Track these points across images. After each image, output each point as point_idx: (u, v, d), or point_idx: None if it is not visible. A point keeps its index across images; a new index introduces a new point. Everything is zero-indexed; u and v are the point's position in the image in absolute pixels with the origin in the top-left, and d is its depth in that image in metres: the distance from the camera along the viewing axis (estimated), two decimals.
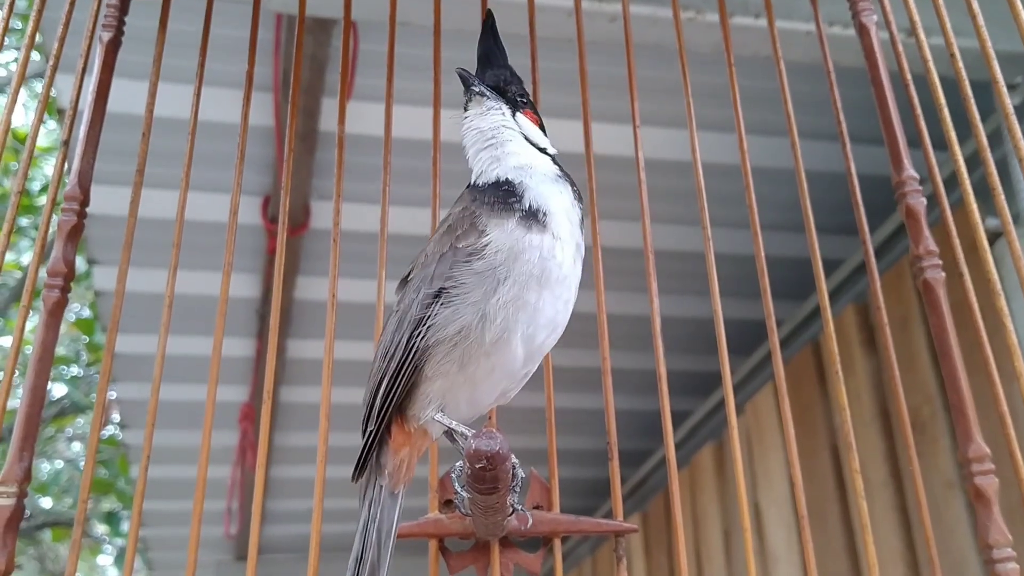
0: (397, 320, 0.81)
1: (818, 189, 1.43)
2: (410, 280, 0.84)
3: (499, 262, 0.78)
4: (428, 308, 0.78)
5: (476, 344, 0.77)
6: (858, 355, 2.41)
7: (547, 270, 0.79)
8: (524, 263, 0.78)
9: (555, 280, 0.79)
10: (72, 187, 0.84)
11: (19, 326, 0.81)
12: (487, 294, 0.77)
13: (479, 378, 0.79)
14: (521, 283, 0.78)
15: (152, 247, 1.82)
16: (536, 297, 0.78)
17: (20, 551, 2.69)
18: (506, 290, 0.77)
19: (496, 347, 0.78)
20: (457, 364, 0.78)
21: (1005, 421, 0.77)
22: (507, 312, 0.77)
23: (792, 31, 1.81)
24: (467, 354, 0.77)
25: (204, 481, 0.85)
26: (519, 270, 0.78)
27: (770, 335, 0.91)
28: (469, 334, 0.77)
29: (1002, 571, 0.72)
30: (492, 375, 0.79)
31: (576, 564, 4.29)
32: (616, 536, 0.88)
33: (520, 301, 0.78)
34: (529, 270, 0.78)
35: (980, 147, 0.87)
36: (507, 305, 0.77)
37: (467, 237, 0.79)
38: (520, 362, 0.80)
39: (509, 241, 0.78)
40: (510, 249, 0.78)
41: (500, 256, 0.78)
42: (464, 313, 0.77)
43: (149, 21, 1.01)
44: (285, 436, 3.53)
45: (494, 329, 0.77)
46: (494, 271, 0.77)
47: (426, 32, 1.14)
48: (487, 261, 0.78)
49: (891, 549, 2.20)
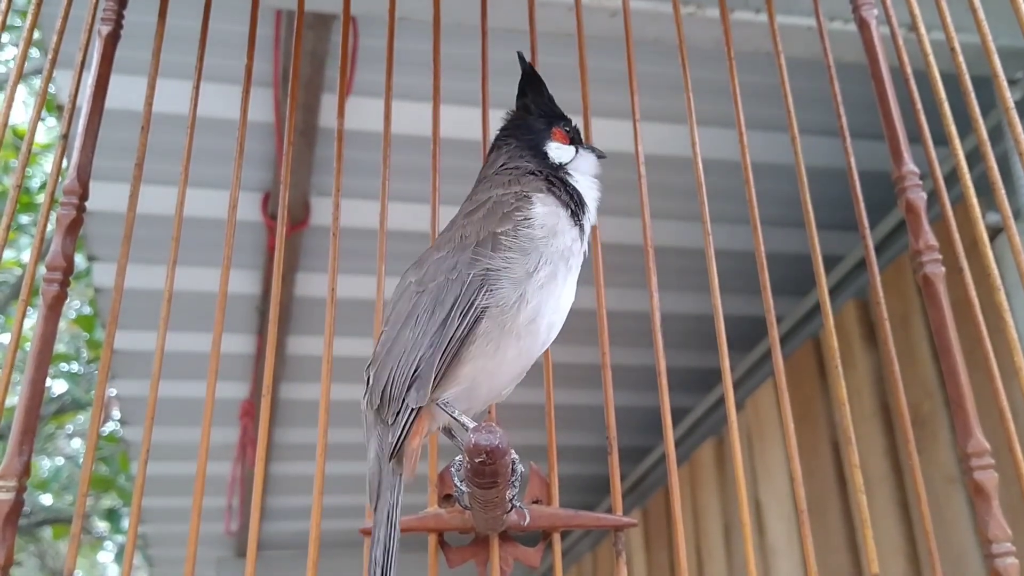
0: (432, 298, 0.79)
1: (819, 185, 1.43)
2: (438, 259, 0.83)
3: (540, 235, 0.80)
4: (478, 284, 0.78)
5: (511, 324, 0.78)
6: (859, 350, 2.42)
7: (573, 257, 0.82)
8: (560, 243, 0.81)
9: (574, 268, 0.83)
10: (71, 181, 0.84)
11: (18, 320, 0.81)
12: (527, 274, 0.78)
13: (506, 362, 0.79)
14: (553, 264, 0.80)
15: (153, 243, 1.82)
16: (562, 283, 0.81)
17: (20, 548, 2.68)
18: (543, 270, 0.79)
19: (528, 330, 0.78)
20: (493, 345, 0.78)
21: (1005, 416, 0.77)
22: (541, 295, 0.79)
23: (793, 26, 1.81)
24: (502, 334, 0.78)
25: (203, 477, 0.85)
26: (554, 248, 0.80)
27: (770, 330, 0.91)
28: (507, 312, 0.77)
29: (1001, 566, 0.72)
30: (517, 361, 0.80)
31: (576, 560, 4.29)
32: (615, 531, 0.88)
33: (552, 283, 0.80)
34: (562, 251, 0.81)
35: (980, 142, 0.87)
36: (542, 287, 0.79)
37: (514, 216, 0.82)
38: (537, 350, 0.81)
39: (553, 220, 0.82)
40: (553, 227, 0.81)
41: (543, 231, 0.81)
42: (505, 290, 0.78)
43: (148, 17, 1.01)
44: (285, 432, 3.53)
45: (528, 311, 0.78)
46: (536, 247, 0.79)
47: (426, 27, 1.14)
48: (531, 233, 0.80)
49: (892, 543, 2.20)
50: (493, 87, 1.08)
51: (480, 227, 0.82)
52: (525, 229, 0.80)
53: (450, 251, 0.82)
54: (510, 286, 0.78)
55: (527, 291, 0.78)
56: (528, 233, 0.80)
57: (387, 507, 0.76)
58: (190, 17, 1.06)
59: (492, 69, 1.09)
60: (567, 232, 0.82)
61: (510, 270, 0.78)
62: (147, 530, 4.43)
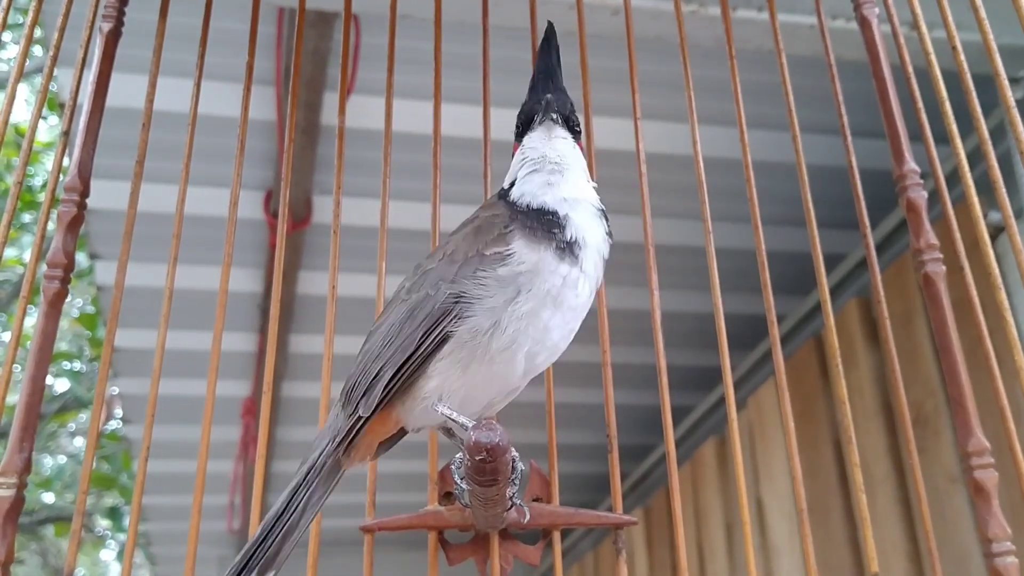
0: (408, 310, 0.81)
1: (821, 183, 1.43)
2: (428, 271, 0.83)
3: (521, 271, 0.78)
4: (447, 308, 0.78)
5: (482, 350, 0.78)
6: (861, 349, 2.41)
7: (564, 296, 0.80)
8: (544, 281, 0.79)
9: (568, 307, 0.80)
10: (72, 178, 0.84)
11: (19, 317, 0.81)
12: (505, 303, 0.78)
13: (476, 384, 0.79)
14: (539, 299, 0.78)
15: (155, 242, 1.82)
16: (549, 316, 0.79)
17: (22, 546, 2.69)
18: (523, 302, 0.78)
19: (501, 356, 0.78)
20: (461, 366, 0.78)
21: (1005, 415, 0.77)
22: (519, 325, 0.78)
23: (796, 24, 1.80)
24: (472, 358, 0.78)
25: (204, 475, 0.85)
26: (539, 286, 0.78)
27: (770, 328, 0.91)
28: (478, 338, 0.77)
29: (1001, 565, 0.72)
30: (490, 384, 0.80)
31: (578, 559, 4.29)
32: (616, 529, 0.88)
33: (535, 317, 0.78)
34: (548, 289, 0.79)
35: (981, 140, 0.87)
36: (522, 318, 0.78)
37: (496, 244, 0.80)
38: (518, 377, 0.81)
39: (535, 257, 0.79)
40: (535, 264, 0.79)
41: (523, 267, 0.79)
42: (479, 316, 0.77)
43: (149, 15, 1.01)
44: (287, 431, 3.53)
45: (503, 339, 0.78)
46: (516, 280, 0.78)
47: (428, 25, 1.14)
48: (510, 269, 0.78)
49: (893, 543, 2.20)
50: (494, 85, 1.08)
51: (464, 246, 0.82)
52: (502, 264, 0.79)
53: (439, 264, 0.83)
54: (483, 313, 0.78)
55: (503, 319, 0.78)
56: (507, 266, 0.79)
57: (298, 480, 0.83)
58: (192, 15, 1.06)
59: (493, 67, 1.09)
60: (557, 274, 0.79)
61: (486, 297, 0.78)
62: (149, 528, 4.43)
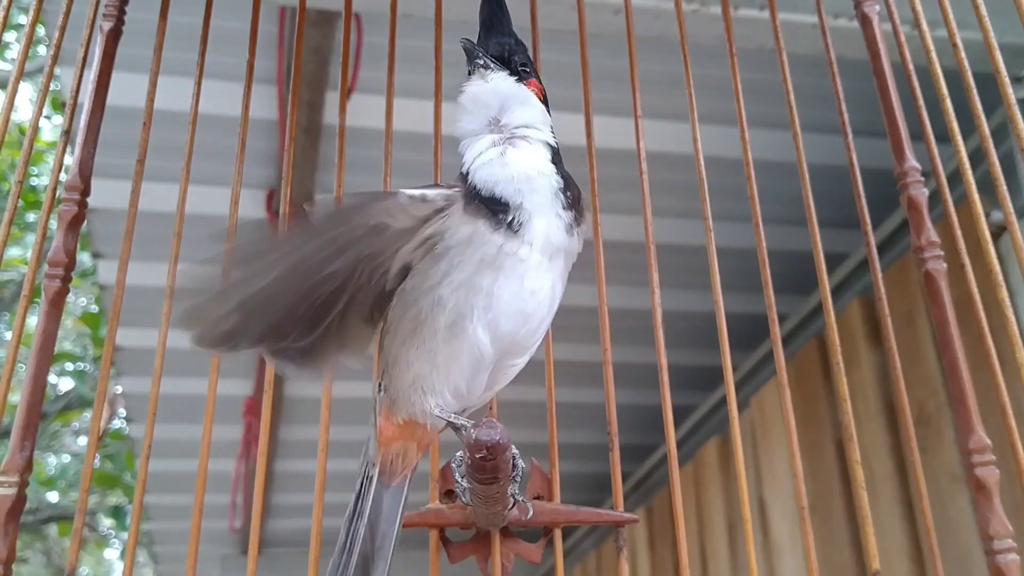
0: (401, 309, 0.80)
1: (825, 182, 1.43)
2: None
3: (452, 245, 0.77)
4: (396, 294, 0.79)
5: (431, 330, 0.77)
6: (863, 349, 2.41)
7: (501, 259, 0.77)
8: (476, 250, 0.77)
9: (510, 268, 0.78)
10: (73, 177, 0.84)
11: (20, 316, 0.81)
12: (440, 279, 0.77)
13: (446, 366, 0.78)
14: (472, 267, 0.77)
15: (157, 241, 1.81)
16: (491, 282, 0.77)
17: (26, 545, 2.69)
18: (456, 274, 0.77)
19: (452, 332, 0.77)
20: (417, 350, 0.77)
21: (1007, 412, 0.77)
22: (458, 296, 0.77)
23: (797, 23, 1.80)
24: (425, 341, 0.77)
25: (205, 474, 0.85)
26: (470, 255, 0.77)
27: (771, 326, 0.91)
28: (423, 319, 0.77)
29: (1002, 562, 0.72)
30: (458, 362, 0.78)
31: (580, 559, 4.29)
32: (617, 526, 0.88)
33: (472, 285, 0.77)
34: (480, 256, 0.77)
35: (982, 138, 0.87)
36: (458, 289, 0.77)
37: (432, 223, 0.78)
38: (488, 349, 0.79)
39: (468, 231, 0.77)
40: (468, 237, 0.77)
41: (453, 240, 0.77)
42: (419, 299, 0.77)
43: (150, 14, 1.01)
44: (290, 430, 3.54)
45: (447, 314, 0.77)
46: (447, 254, 0.77)
47: (429, 24, 1.14)
48: (443, 244, 0.77)
49: (896, 542, 2.20)
50: None
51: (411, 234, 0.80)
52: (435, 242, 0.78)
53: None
54: (423, 295, 0.77)
55: (440, 295, 0.77)
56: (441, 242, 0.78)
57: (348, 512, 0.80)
58: (192, 14, 1.06)
59: None
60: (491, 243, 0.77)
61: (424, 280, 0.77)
62: (152, 527, 4.43)
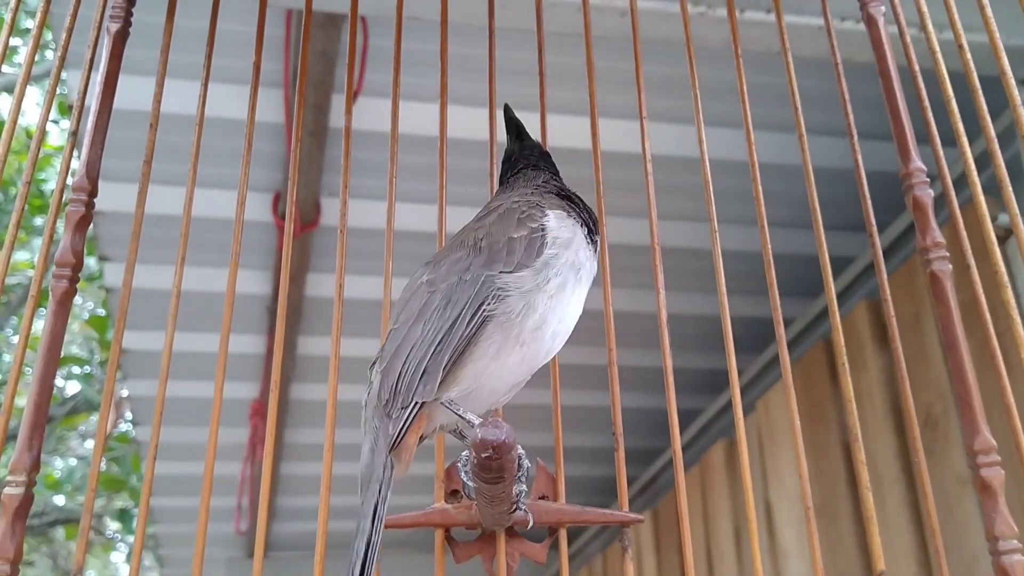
0: (443, 297, 0.81)
1: (831, 185, 1.43)
2: (455, 260, 0.84)
3: (552, 247, 0.82)
4: (485, 290, 0.79)
5: (516, 330, 0.79)
6: (870, 351, 2.41)
7: (584, 270, 0.83)
8: (570, 256, 0.82)
9: (584, 283, 0.84)
10: (80, 178, 0.85)
11: (27, 318, 0.81)
12: (538, 284, 0.80)
13: (508, 367, 0.80)
14: (563, 276, 0.81)
15: (164, 243, 1.82)
16: (571, 294, 0.82)
17: (33, 548, 2.71)
18: (554, 281, 0.81)
19: (533, 337, 0.80)
20: (496, 348, 0.79)
21: (1012, 414, 0.77)
22: (549, 305, 0.80)
23: (804, 26, 1.80)
24: (507, 340, 0.79)
25: (211, 477, 0.85)
26: (565, 260, 0.82)
27: (777, 328, 0.91)
28: (512, 319, 0.79)
29: (1007, 563, 0.72)
30: (520, 366, 0.81)
31: (587, 562, 4.29)
32: (622, 527, 0.88)
33: (561, 295, 0.81)
34: (573, 263, 0.82)
35: (988, 139, 0.87)
36: (551, 297, 0.80)
37: (529, 221, 0.83)
38: (542, 358, 0.83)
39: (567, 232, 0.83)
40: (567, 240, 0.83)
41: (558, 243, 0.82)
42: (512, 298, 0.79)
43: (157, 17, 1.02)
44: (296, 433, 3.54)
45: (534, 319, 0.79)
46: (546, 257, 0.81)
47: (436, 27, 1.14)
48: (543, 243, 0.82)
49: (903, 545, 2.19)
50: (500, 87, 1.08)
51: (494, 231, 0.84)
52: (538, 236, 0.82)
53: (465, 254, 0.83)
54: (518, 295, 0.79)
55: (535, 300, 0.79)
56: (540, 243, 0.82)
57: (375, 500, 0.76)
58: (199, 17, 1.06)
59: (500, 69, 1.10)
60: (582, 247, 0.84)
61: (520, 279, 0.80)
62: (159, 530, 4.44)
